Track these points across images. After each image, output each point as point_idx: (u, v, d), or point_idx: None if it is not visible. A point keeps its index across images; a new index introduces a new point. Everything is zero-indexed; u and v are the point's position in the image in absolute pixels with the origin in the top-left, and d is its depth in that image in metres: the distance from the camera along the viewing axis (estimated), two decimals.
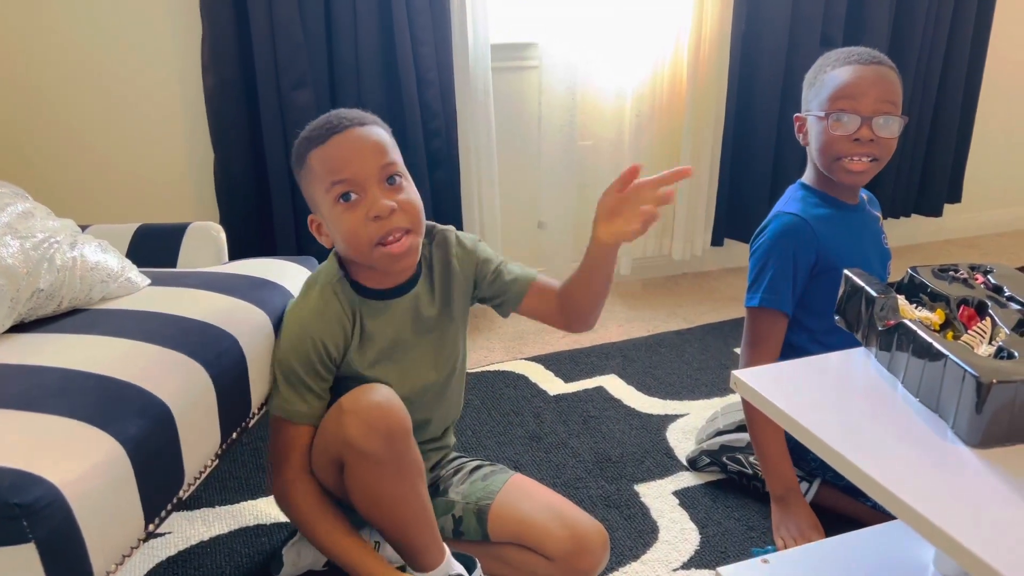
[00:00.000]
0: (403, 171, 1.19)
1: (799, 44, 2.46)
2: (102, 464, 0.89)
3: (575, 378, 2.07)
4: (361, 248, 1.16)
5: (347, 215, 1.15)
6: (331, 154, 1.15)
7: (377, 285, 1.24)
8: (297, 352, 1.20)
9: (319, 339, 1.20)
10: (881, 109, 1.38)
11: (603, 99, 2.43)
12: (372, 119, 1.21)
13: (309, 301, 1.22)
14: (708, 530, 1.49)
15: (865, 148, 1.39)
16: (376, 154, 1.16)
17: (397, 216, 1.15)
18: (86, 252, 1.25)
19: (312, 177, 1.18)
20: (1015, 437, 0.81)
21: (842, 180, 1.44)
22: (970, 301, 0.97)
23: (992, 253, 3.06)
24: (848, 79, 1.40)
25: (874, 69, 1.40)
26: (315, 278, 1.25)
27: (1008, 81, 3.04)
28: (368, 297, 1.24)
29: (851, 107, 1.38)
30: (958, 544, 0.70)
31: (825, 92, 1.42)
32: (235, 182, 2.09)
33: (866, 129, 1.38)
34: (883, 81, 1.40)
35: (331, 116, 1.19)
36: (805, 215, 1.45)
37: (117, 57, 2.04)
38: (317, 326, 1.20)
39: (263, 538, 1.47)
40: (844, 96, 1.39)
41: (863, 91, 1.38)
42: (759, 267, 1.48)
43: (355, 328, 1.23)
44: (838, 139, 1.40)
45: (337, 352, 1.22)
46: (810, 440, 0.87)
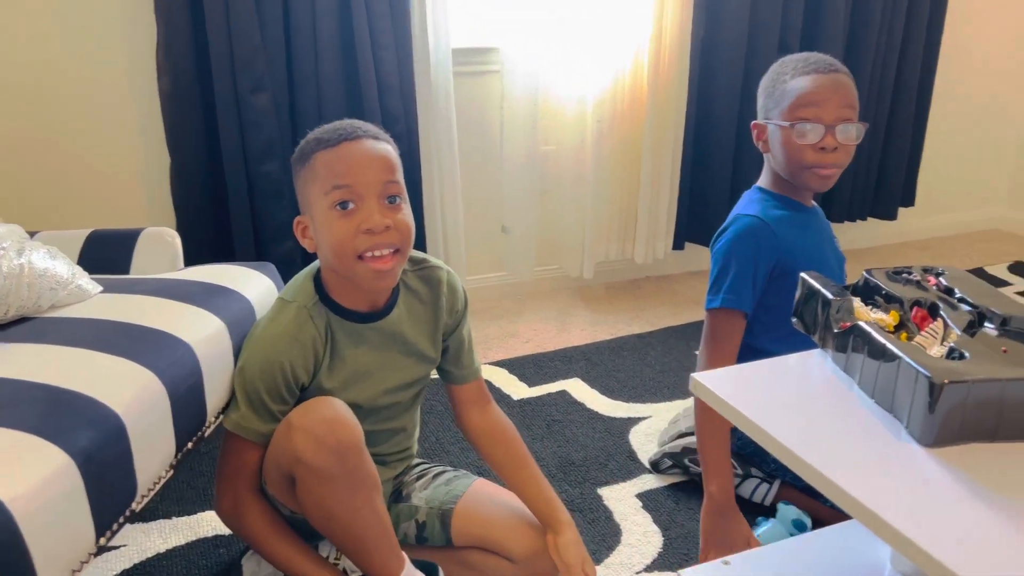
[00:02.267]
0: (404, 194, 1.17)
1: (757, 51, 2.50)
2: (51, 477, 0.86)
3: (539, 382, 2.07)
4: (345, 257, 1.13)
5: (340, 222, 1.13)
6: (338, 158, 1.13)
7: (353, 306, 1.21)
8: (264, 375, 1.16)
9: (289, 364, 1.16)
10: (842, 116, 1.41)
11: (565, 104, 2.44)
12: (386, 136, 1.19)
13: (283, 323, 1.18)
14: (671, 532, 1.50)
15: (830, 156, 1.42)
16: (383, 170, 1.14)
17: (389, 234, 1.13)
18: (34, 259, 1.21)
19: (312, 177, 1.15)
20: (967, 436, 0.82)
21: (811, 186, 1.47)
22: (923, 303, 0.99)
23: (945, 255, 3.13)
24: (809, 88, 1.41)
25: (832, 77, 1.42)
26: (290, 296, 1.20)
27: (959, 88, 3.12)
28: (344, 318, 1.21)
29: (814, 116, 1.40)
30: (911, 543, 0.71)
31: (786, 101, 1.43)
32: (192, 186, 2.05)
33: (830, 137, 1.41)
34: (843, 88, 1.42)
35: (346, 123, 1.17)
36: (765, 216, 1.46)
37: (68, 59, 1.99)
38: (289, 351, 1.16)
39: (221, 549, 1.45)
40: (806, 104, 1.41)
41: (824, 99, 1.40)
42: (720, 268, 1.49)
43: (327, 351, 1.20)
44: (803, 148, 1.42)
45: (306, 376, 1.19)
46: (767, 442, 0.87)
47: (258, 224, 2.11)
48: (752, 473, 1.56)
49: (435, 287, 1.29)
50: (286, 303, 1.20)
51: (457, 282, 1.32)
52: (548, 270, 2.69)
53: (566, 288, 2.74)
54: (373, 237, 1.12)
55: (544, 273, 2.69)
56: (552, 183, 2.53)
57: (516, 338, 2.35)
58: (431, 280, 1.29)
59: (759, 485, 1.55)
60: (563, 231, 2.60)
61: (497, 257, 2.60)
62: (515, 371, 2.12)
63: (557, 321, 2.48)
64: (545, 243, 2.61)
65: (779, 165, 1.48)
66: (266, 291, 1.42)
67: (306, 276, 1.22)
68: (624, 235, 2.67)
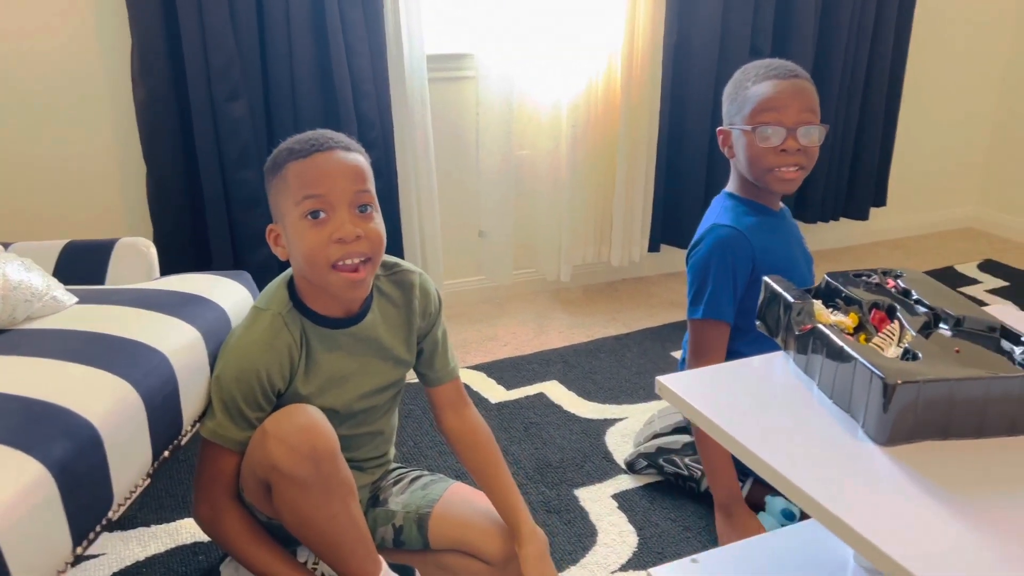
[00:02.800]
0: (375, 203, 1.19)
1: (729, 55, 2.53)
2: (26, 488, 0.87)
3: (517, 385, 2.09)
4: (317, 267, 1.15)
5: (311, 232, 1.14)
6: (309, 169, 1.15)
7: (327, 312, 1.23)
8: (240, 383, 1.18)
9: (265, 371, 1.18)
10: (803, 119, 1.44)
11: (539, 109, 2.46)
12: (357, 147, 1.21)
13: (257, 331, 1.19)
14: (645, 532, 1.53)
15: (792, 158, 1.45)
16: (353, 179, 1.16)
17: (360, 243, 1.15)
18: (8, 271, 1.22)
19: (284, 187, 1.17)
20: (919, 434, 0.85)
21: (775, 188, 1.50)
22: (880, 305, 1.02)
23: (917, 254, 3.19)
24: (770, 93, 1.45)
25: (792, 82, 1.45)
26: (265, 304, 1.22)
27: (929, 88, 3.17)
28: (318, 324, 1.23)
29: (775, 119, 1.44)
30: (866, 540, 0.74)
31: (748, 106, 1.47)
32: (168, 196, 2.06)
33: (791, 140, 1.44)
34: (803, 93, 1.46)
35: (318, 134, 1.19)
36: (739, 225, 1.49)
37: (42, 68, 1.99)
38: (264, 358, 1.18)
39: (200, 556, 1.46)
40: (767, 109, 1.45)
41: (785, 103, 1.44)
42: (699, 280, 1.51)
43: (302, 357, 1.22)
44: (765, 151, 1.45)
45: (283, 382, 1.21)
46: (728, 442, 0.90)
47: (235, 232, 2.11)
48: None
49: (408, 291, 1.31)
50: (260, 311, 1.21)
51: (430, 285, 1.34)
52: (525, 273, 2.72)
53: (543, 291, 2.76)
54: (344, 246, 1.14)
55: (521, 276, 2.71)
56: (528, 187, 2.56)
57: (494, 341, 2.37)
58: (403, 284, 1.30)
59: None
60: (540, 235, 2.62)
61: (475, 261, 2.62)
62: (493, 374, 2.14)
63: (535, 324, 2.50)
64: (522, 247, 2.63)
65: (744, 169, 1.51)
66: (241, 300, 1.43)
67: (280, 283, 1.24)
68: (600, 238, 2.70)
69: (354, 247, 1.14)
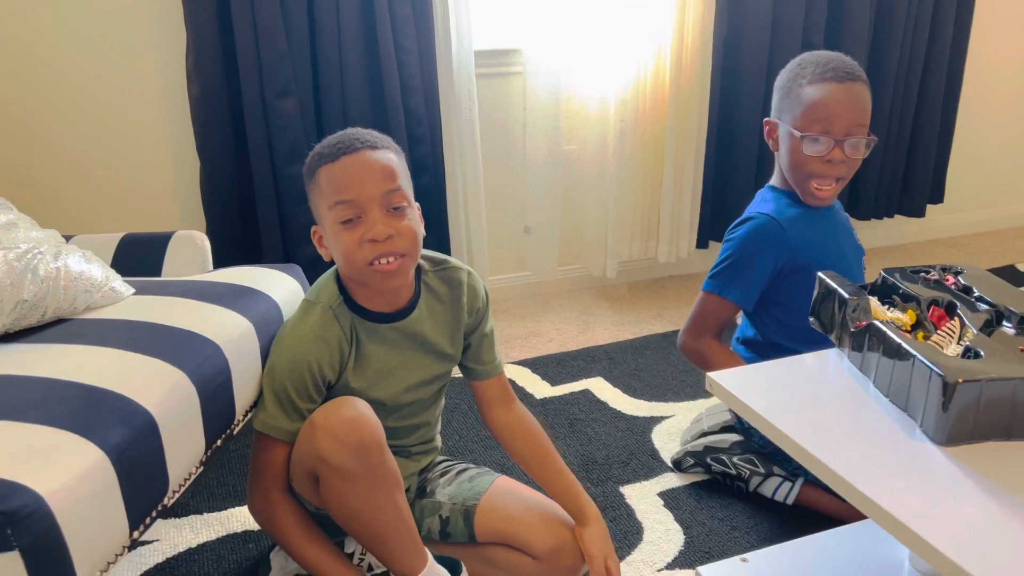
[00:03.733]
0: (408, 198, 1.20)
1: (780, 49, 2.49)
2: (86, 472, 0.90)
3: (561, 381, 2.08)
4: (355, 267, 1.18)
5: (345, 234, 1.16)
6: (338, 173, 1.16)
7: (376, 307, 1.25)
8: (292, 374, 1.20)
9: (316, 363, 1.20)
10: (853, 132, 1.41)
11: (587, 104, 2.45)
12: (386, 143, 1.22)
13: (309, 323, 1.21)
14: (692, 531, 1.51)
15: (835, 169, 1.43)
16: (382, 179, 1.16)
17: (393, 241, 1.16)
18: (70, 262, 1.25)
19: (318, 192, 1.19)
20: (980, 435, 0.83)
21: (807, 200, 1.49)
22: (940, 302, 0.99)
23: (975, 252, 3.09)
24: (823, 99, 1.41)
25: (848, 88, 1.41)
26: (315, 297, 1.24)
27: (988, 82, 3.08)
28: (367, 319, 1.24)
29: (825, 129, 1.41)
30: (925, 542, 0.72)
31: (799, 108, 1.43)
32: (221, 191, 2.10)
33: (838, 151, 1.42)
34: (857, 102, 1.42)
35: (346, 135, 1.20)
36: (779, 216, 1.48)
37: (102, 67, 2.04)
38: (316, 350, 1.20)
39: (251, 544, 1.48)
40: (820, 119, 1.41)
41: (837, 114, 1.41)
42: (727, 259, 1.52)
43: (352, 350, 1.24)
44: (810, 159, 1.43)
45: (333, 374, 1.23)
46: (784, 441, 0.89)
47: (285, 226, 2.14)
48: (774, 472, 1.56)
49: (456, 288, 1.32)
50: (312, 304, 1.23)
51: (478, 282, 1.35)
52: (571, 269, 2.71)
53: (589, 287, 2.75)
54: (378, 246, 1.15)
55: (567, 273, 2.70)
56: (575, 183, 2.55)
57: (539, 337, 2.37)
58: (452, 281, 1.31)
59: (781, 484, 1.55)
60: (586, 231, 2.61)
61: (520, 257, 2.62)
62: (538, 370, 2.14)
63: (580, 320, 2.49)
64: (568, 243, 2.62)
65: (784, 167, 1.49)
66: (292, 292, 1.45)
67: (329, 277, 1.26)
68: (647, 234, 2.68)
69: (387, 246, 1.16)
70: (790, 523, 1.51)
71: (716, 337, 1.54)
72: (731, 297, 1.50)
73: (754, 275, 1.48)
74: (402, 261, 1.18)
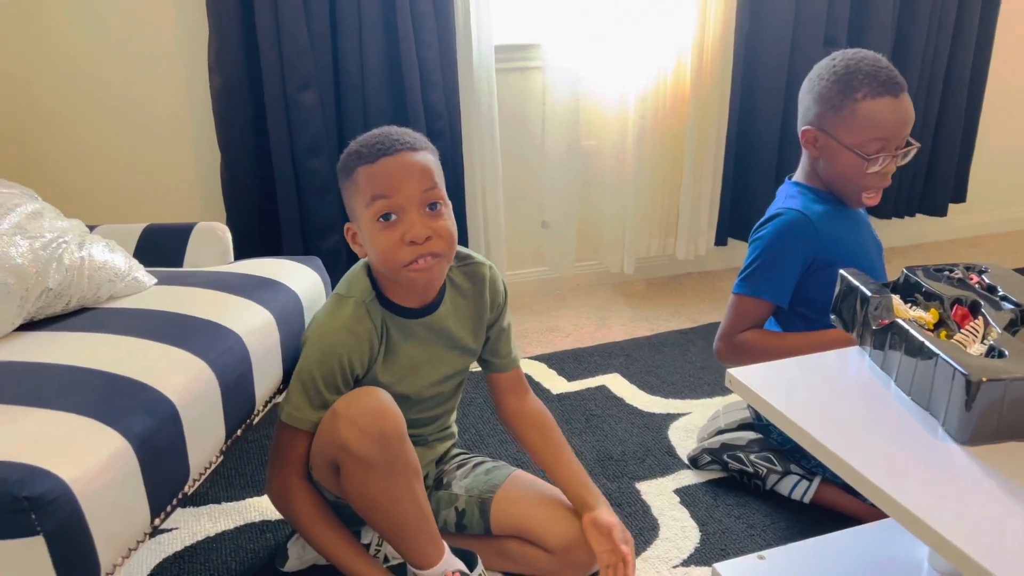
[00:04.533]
0: (444, 198, 1.21)
1: (802, 45, 2.47)
2: (109, 459, 0.91)
3: (578, 377, 2.08)
4: (392, 266, 1.18)
5: (384, 234, 1.17)
6: (378, 173, 1.16)
7: (405, 303, 1.26)
8: (323, 367, 1.21)
9: (347, 356, 1.21)
10: (905, 142, 1.44)
11: (606, 100, 2.44)
12: (423, 144, 1.22)
13: (341, 317, 1.22)
14: (708, 528, 1.51)
15: (887, 181, 1.46)
16: (421, 179, 1.17)
17: (432, 243, 1.17)
18: (94, 252, 1.27)
19: (356, 191, 1.19)
20: (1004, 434, 0.82)
21: (852, 205, 1.50)
22: (964, 301, 0.99)
23: (997, 252, 3.06)
24: (884, 118, 1.40)
25: (903, 102, 1.41)
26: (347, 291, 1.25)
27: (1013, 80, 3.04)
28: (397, 314, 1.25)
29: (885, 147, 1.42)
30: (947, 542, 0.71)
31: (858, 123, 1.40)
32: (241, 183, 2.11)
33: (892, 163, 1.44)
34: (909, 113, 1.43)
35: (383, 135, 1.20)
36: (808, 211, 1.47)
37: (124, 59, 2.06)
38: (347, 343, 1.21)
39: (268, 534, 1.49)
40: (880, 138, 1.41)
41: (897, 128, 1.42)
42: (758, 258, 1.50)
43: (382, 345, 1.25)
44: (870, 176, 1.44)
45: (361, 368, 1.24)
46: (804, 439, 0.88)
47: (305, 219, 2.16)
48: (792, 470, 1.55)
49: (479, 283, 1.32)
50: (344, 298, 1.24)
51: (499, 277, 1.37)
52: (588, 265, 2.70)
53: (606, 283, 2.74)
54: (416, 248, 1.16)
55: (584, 268, 2.70)
56: (593, 178, 2.54)
57: (556, 333, 2.37)
58: (475, 276, 1.32)
59: (799, 482, 1.55)
60: (604, 226, 2.60)
61: (537, 252, 2.62)
62: (554, 365, 2.14)
63: (597, 316, 2.49)
64: (585, 238, 2.62)
65: (829, 176, 1.49)
66: (313, 284, 1.46)
67: (361, 272, 1.27)
68: (666, 231, 2.67)
69: (425, 247, 1.16)
70: (807, 522, 1.51)
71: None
72: (766, 296, 1.48)
73: (786, 271, 1.47)
74: (437, 261, 1.19)
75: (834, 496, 1.52)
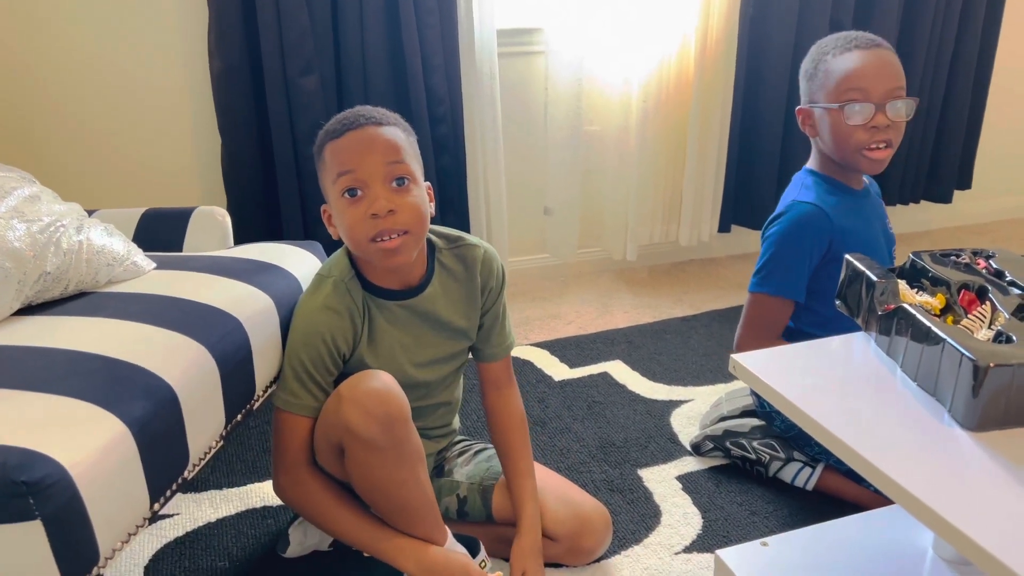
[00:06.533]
0: (413, 174, 1.18)
1: (808, 29, 2.44)
2: (108, 444, 0.90)
3: (580, 364, 2.08)
4: (358, 242, 1.17)
5: (349, 209, 1.16)
6: (342, 148, 1.16)
7: (386, 284, 1.24)
8: (307, 347, 1.20)
9: (329, 334, 1.20)
10: (892, 94, 1.38)
11: (610, 85, 2.42)
12: (393, 119, 1.21)
13: (320, 296, 1.22)
14: (711, 514, 1.50)
15: (882, 135, 1.39)
16: (386, 153, 1.15)
17: (396, 217, 1.15)
18: (92, 236, 1.26)
19: (324, 168, 1.19)
20: (1011, 420, 0.81)
21: (864, 169, 1.45)
22: (971, 286, 0.97)
23: (1003, 239, 3.04)
24: (855, 67, 1.38)
25: (876, 53, 1.39)
26: (327, 272, 1.24)
27: (1020, 66, 3.01)
28: (377, 296, 1.24)
29: (863, 96, 1.38)
30: (954, 528, 0.70)
31: (831, 82, 1.40)
32: (242, 167, 2.10)
33: (880, 115, 1.38)
34: (889, 65, 1.39)
35: (352, 112, 1.20)
36: (822, 204, 1.44)
37: (124, 42, 2.04)
38: (328, 321, 1.20)
39: (269, 519, 1.49)
40: (854, 87, 1.38)
41: (872, 77, 1.38)
42: (774, 254, 1.48)
43: (365, 325, 1.23)
44: (853, 129, 1.39)
45: (347, 347, 1.23)
46: (809, 425, 0.87)
47: (305, 203, 2.14)
48: (795, 457, 1.55)
49: (471, 265, 1.30)
50: (323, 278, 1.24)
51: (493, 259, 1.33)
52: (591, 252, 2.69)
53: (609, 270, 2.73)
54: (379, 223, 1.14)
55: (587, 255, 2.69)
56: (596, 164, 2.52)
57: (558, 320, 2.36)
58: (466, 259, 1.30)
59: (802, 469, 1.54)
60: (606, 213, 2.59)
61: (540, 239, 2.61)
62: (557, 352, 2.13)
63: (599, 303, 2.48)
64: (588, 225, 2.61)
65: (829, 149, 1.45)
66: (313, 269, 1.44)
67: (342, 253, 1.26)
68: (669, 217, 2.65)
69: (388, 222, 1.14)
70: (810, 509, 1.50)
71: (780, 339, 1.49)
72: (788, 295, 1.46)
73: (802, 265, 1.45)
74: (404, 239, 1.16)
75: (837, 483, 1.51)
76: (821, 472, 1.53)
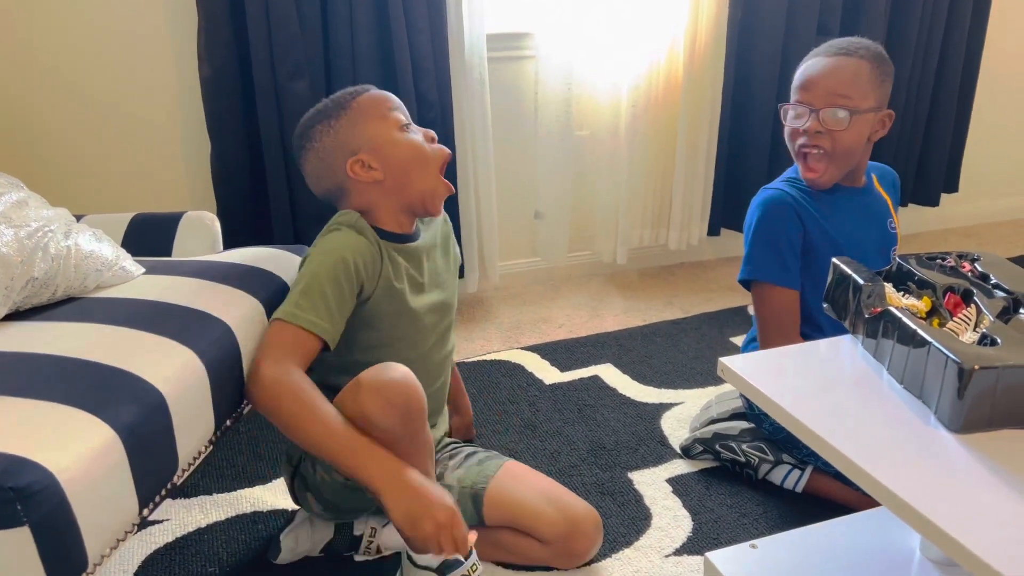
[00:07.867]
0: None
1: (796, 33, 2.46)
2: (96, 450, 0.90)
3: (571, 367, 2.08)
4: (427, 166, 1.30)
5: (413, 137, 1.30)
6: (382, 96, 1.31)
7: (396, 229, 1.32)
8: (325, 267, 1.20)
9: (352, 258, 1.22)
10: (831, 101, 1.40)
11: (599, 89, 2.43)
12: None
13: (342, 234, 1.25)
14: (700, 517, 1.51)
15: (815, 140, 1.42)
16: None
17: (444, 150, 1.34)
18: (80, 241, 1.25)
19: (360, 114, 1.29)
20: (996, 422, 0.82)
21: (803, 174, 1.47)
22: (956, 289, 0.98)
23: (990, 242, 3.07)
24: (804, 70, 1.44)
25: (836, 60, 1.40)
26: (338, 224, 1.27)
27: (1006, 70, 3.04)
28: (388, 240, 1.30)
29: (805, 99, 1.43)
30: (939, 529, 0.71)
31: (792, 84, 1.46)
32: (232, 172, 2.09)
33: (815, 121, 1.40)
34: (838, 72, 1.40)
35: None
36: (787, 188, 1.48)
37: (112, 47, 2.04)
38: (354, 249, 1.23)
39: (260, 525, 1.49)
40: (799, 88, 1.44)
41: (815, 83, 1.42)
42: (748, 243, 1.51)
43: (384, 261, 1.27)
44: (792, 132, 1.45)
45: (368, 279, 1.24)
46: (796, 427, 0.88)
47: (296, 208, 2.14)
48: (783, 459, 1.56)
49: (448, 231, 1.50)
50: (339, 225, 1.27)
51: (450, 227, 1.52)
52: (581, 256, 2.70)
53: (599, 274, 2.74)
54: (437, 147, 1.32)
55: (577, 259, 2.69)
56: (586, 168, 2.53)
57: (548, 323, 2.36)
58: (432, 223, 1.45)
59: (791, 471, 1.55)
60: (596, 217, 2.60)
61: (530, 243, 2.61)
62: (547, 356, 2.14)
63: (589, 307, 2.48)
64: (578, 229, 2.61)
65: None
66: None
67: (342, 211, 1.30)
68: (658, 221, 2.66)
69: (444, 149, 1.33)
70: (799, 511, 1.51)
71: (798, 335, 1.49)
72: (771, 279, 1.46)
73: (782, 247, 1.46)
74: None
75: (826, 485, 1.52)
76: (810, 474, 1.53)
